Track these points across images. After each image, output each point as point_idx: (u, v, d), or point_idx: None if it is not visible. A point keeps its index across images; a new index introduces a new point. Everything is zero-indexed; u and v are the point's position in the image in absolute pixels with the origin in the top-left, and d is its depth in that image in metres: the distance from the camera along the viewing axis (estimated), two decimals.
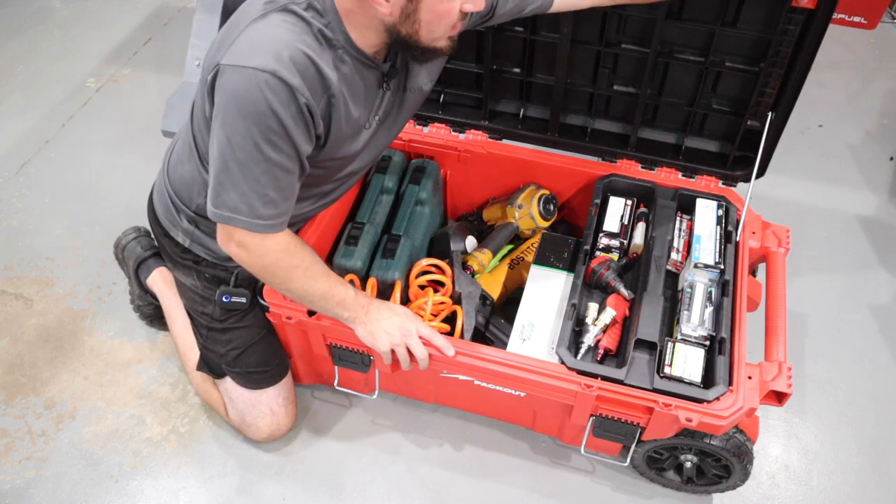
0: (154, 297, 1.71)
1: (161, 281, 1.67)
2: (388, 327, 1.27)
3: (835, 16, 2.89)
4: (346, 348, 1.40)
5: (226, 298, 1.39)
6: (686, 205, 1.52)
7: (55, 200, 2.11)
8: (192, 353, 1.55)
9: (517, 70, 1.58)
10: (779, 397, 1.25)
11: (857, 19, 2.73)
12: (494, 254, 1.67)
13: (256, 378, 1.48)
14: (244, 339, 1.44)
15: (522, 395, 1.33)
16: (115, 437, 1.60)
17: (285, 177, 1.12)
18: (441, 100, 1.68)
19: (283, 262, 1.19)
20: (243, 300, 1.39)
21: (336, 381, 1.51)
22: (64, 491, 1.51)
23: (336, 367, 1.47)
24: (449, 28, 1.10)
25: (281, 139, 1.07)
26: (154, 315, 1.75)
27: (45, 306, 1.85)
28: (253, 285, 1.41)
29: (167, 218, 1.39)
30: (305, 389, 1.66)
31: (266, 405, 1.50)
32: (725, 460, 1.34)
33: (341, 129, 1.18)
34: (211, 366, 1.52)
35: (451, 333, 1.44)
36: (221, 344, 1.45)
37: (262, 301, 1.38)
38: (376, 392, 1.52)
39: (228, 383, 1.51)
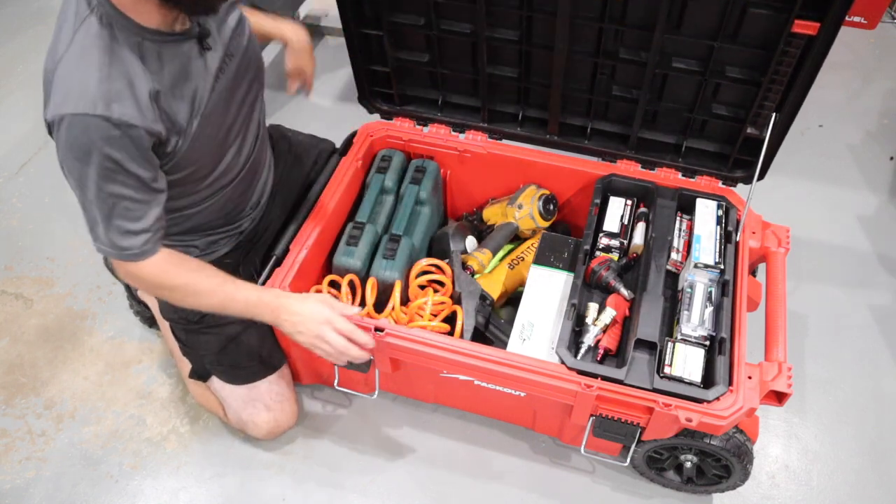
0: (147, 306, 1.71)
1: None
2: (301, 327, 1.25)
3: None
4: None
5: None
6: (686, 205, 1.52)
7: (55, 200, 2.11)
8: (186, 361, 1.56)
9: (514, 76, 1.57)
10: (779, 397, 1.25)
11: (857, 19, 2.73)
12: (494, 254, 1.67)
13: (243, 374, 1.48)
14: (222, 336, 1.45)
15: (522, 395, 1.33)
16: (115, 437, 1.60)
17: (138, 207, 1.13)
18: (440, 101, 1.68)
19: (165, 283, 1.21)
20: None
21: (336, 381, 1.51)
22: (64, 491, 1.51)
23: (336, 367, 1.47)
24: None
25: (119, 174, 1.09)
26: (154, 319, 1.75)
27: (45, 306, 1.85)
28: None
29: None
30: (305, 389, 1.66)
31: (260, 401, 1.50)
32: (725, 460, 1.34)
33: (182, 112, 1.16)
34: (198, 370, 1.52)
35: (451, 333, 1.44)
36: (201, 345, 1.46)
37: None
38: (376, 392, 1.52)
39: (217, 383, 1.52)
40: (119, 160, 1.07)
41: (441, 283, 1.52)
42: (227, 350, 1.46)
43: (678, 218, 1.51)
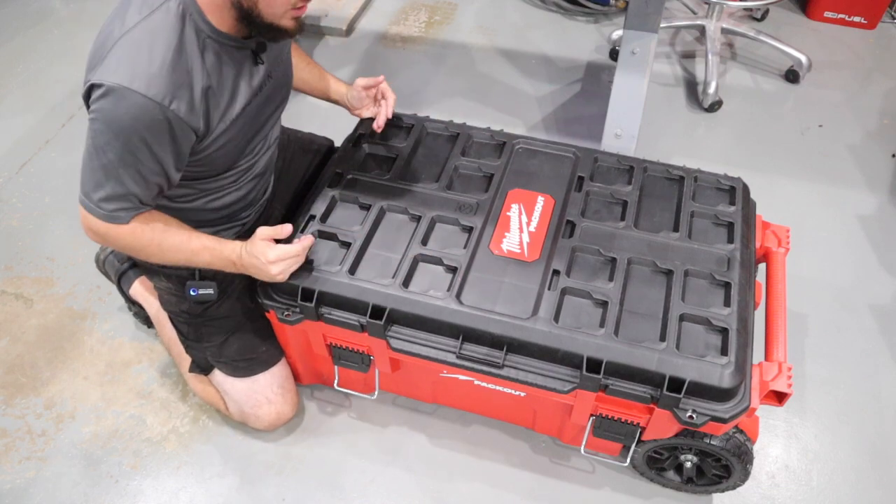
0: (143, 307, 1.71)
1: (143, 290, 1.69)
2: (254, 271, 1.27)
3: (835, 16, 2.89)
4: (346, 348, 1.40)
5: (193, 291, 1.40)
6: None
7: (55, 200, 2.11)
8: (185, 357, 1.56)
9: None
10: (779, 397, 1.25)
11: (857, 19, 2.74)
12: None
13: (244, 366, 1.49)
14: (224, 328, 1.45)
15: (522, 395, 1.33)
16: (115, 437, 1.60)
17: (152, 177, 1.16)
18: None
19: (137, 242, 1.22)
20: (210, 291, 1.41)
21: (336, 381, 1.51)
22: (64, 491, 1.51)
23: (336, 367, 1.47)
24: (288, 6, 1.13)
25: (142, 154, 1.12)
26: (150, 319, 1.75)
27: (45, 306, 1.85)
28: (217, 276, 1.42)
29: None
30: (305, 389, 1.66)
31: (261, 393, 1.50)
32: (725, 460, 1.34)
33: (216, 113, 1.19)
34: (200, 364, 1.53)
35: None
36: (203, 338, 1.47)
37: (260, 301, 1.37)
38: (376, 392, 1.52)
39: (219, 376, 1.52)
40: (150, 143, 1.11)
41: None
42: (229, 343, 1.46)
43: None
